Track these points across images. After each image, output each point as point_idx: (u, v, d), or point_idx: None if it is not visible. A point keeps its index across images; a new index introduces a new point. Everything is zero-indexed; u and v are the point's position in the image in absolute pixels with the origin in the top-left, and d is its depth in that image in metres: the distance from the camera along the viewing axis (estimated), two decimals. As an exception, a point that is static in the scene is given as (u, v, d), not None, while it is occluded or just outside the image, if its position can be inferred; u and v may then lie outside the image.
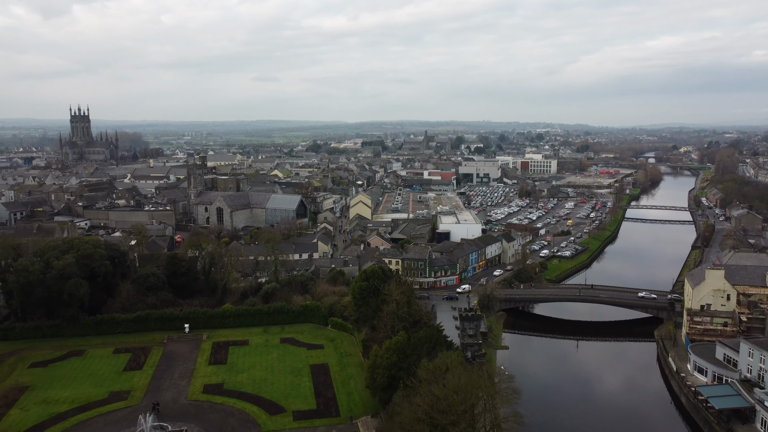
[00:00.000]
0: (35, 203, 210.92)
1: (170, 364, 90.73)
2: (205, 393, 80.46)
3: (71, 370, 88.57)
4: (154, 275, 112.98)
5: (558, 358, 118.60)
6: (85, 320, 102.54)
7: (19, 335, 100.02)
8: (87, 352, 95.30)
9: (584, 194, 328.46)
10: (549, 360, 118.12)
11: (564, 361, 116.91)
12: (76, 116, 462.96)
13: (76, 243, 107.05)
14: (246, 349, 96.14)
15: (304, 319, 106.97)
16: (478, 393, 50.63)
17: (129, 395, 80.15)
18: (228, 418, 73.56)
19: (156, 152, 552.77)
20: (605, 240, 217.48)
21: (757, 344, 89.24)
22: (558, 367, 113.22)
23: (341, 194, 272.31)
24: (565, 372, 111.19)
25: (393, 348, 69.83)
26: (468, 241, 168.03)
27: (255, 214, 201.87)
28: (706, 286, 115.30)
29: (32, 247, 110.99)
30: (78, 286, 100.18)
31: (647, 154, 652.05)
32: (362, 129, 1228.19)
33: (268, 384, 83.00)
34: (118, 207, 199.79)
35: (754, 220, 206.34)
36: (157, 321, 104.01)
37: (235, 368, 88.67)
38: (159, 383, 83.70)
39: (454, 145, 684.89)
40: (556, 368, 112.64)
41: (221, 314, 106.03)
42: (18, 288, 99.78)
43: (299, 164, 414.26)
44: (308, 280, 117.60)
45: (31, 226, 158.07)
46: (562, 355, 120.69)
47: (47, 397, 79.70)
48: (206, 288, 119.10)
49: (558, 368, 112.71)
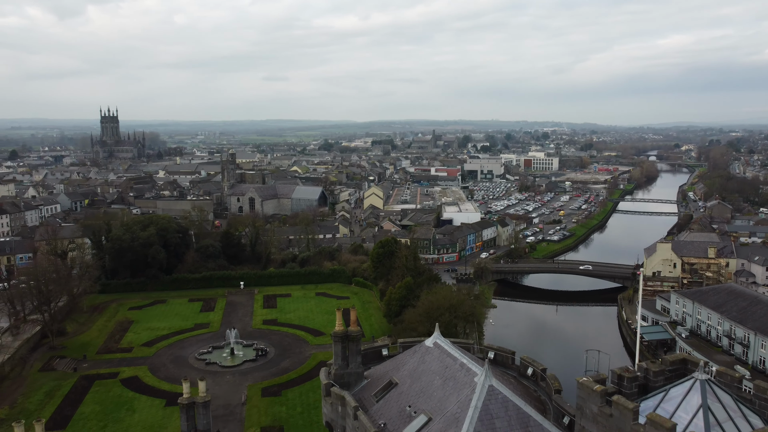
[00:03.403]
0: (87, 195, 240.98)
1: (234, 308, 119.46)
2: (265, 324, 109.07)
3: (161, 312, 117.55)
4: (212, 246, 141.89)
5: (537, 317, 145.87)
6: (163, 278, 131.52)
7: (113, 289, 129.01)
8: (168, 301, 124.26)
9: (580, 189, 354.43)
10: (529, 317, 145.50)
11: (541, 319, 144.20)
12: (106, 117, 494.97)
13: (155, 219, 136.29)
14: (289, 299, 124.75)
15: (332, 279, 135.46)
16: (459, 296, 78.57)
17: (209, 326, 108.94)
18: (284, 338, 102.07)
19: (178, 151, 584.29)
20: (591, 228, 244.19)
21: (682, 294, 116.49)
22: (535, 323, 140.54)
23: (355, 188, 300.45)
24: (541, 326, 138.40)
25: (403, 286, 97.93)
26: (467, 225, 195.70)
27: (282, 203, 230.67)
28: (657, 257, 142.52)
29: (119, 222, 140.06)
30: (158, 252, 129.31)
31: (649, 152, 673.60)
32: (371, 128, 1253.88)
33: (309, 320, 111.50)
34: (163, 197, 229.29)
35: (724, 210, 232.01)
36: (218, 280, 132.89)
37: (284, 311, 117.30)
38: (229, 319, 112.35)
39: (461, 143, 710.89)
40: (534, 323, 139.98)
41: (268, 275, 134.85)
42: (113, 253, 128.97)
43: (314, 161, 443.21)
44: (335, 250, 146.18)
45: (98, 212, 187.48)
46: (540, 315, 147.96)
47: (149, 326, 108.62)
48: (252, 258, 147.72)
49: (535, 323, 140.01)
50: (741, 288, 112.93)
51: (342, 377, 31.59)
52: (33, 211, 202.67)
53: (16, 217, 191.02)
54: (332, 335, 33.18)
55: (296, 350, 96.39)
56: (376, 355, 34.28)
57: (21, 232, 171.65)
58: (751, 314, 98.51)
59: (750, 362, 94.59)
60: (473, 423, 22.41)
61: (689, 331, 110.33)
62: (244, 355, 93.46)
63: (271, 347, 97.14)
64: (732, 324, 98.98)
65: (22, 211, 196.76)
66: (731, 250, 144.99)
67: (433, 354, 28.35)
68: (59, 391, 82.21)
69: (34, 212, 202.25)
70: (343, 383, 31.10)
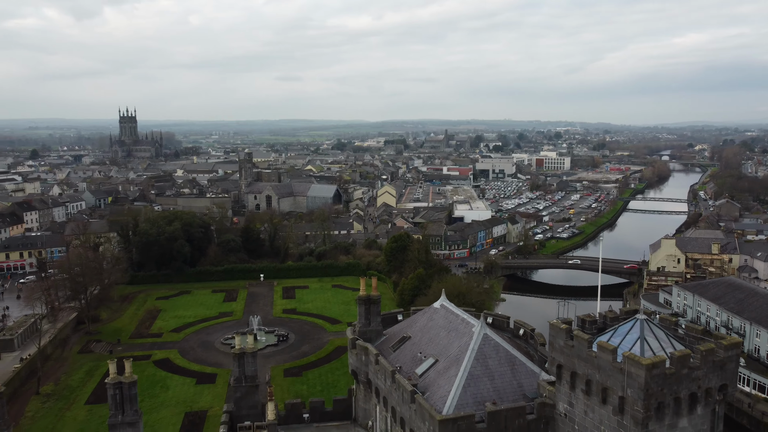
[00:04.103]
0: (110, 192, 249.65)
1: (255, 298, 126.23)
2: (285, 313, 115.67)
3: (186, 301, 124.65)
4: (233, 240, 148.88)
5: (543, 309, 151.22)
6: (188, 271, 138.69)
7: (141, 280, 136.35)
8: (193, 292, 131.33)
9: (591, 188, 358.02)
10: (536, 309, 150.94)
11: (546, 311, 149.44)
12: (125, 117, 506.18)
13: (179, 215, 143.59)
14: (307, 291, 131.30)
15: (348, 272, 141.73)
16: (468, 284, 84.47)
17: (232, 314, 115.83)
18: (304, 325, 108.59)
19: (193, 150, 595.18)
20: (600, 226, 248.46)
21: (683, 287, 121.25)
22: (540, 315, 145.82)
23: (368, 186, 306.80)
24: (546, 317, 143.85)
25: (415, 277, 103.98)
26: (477, 222, 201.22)
27: (297, 201, 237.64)
28: (661, 252, 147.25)
29: (145, 217, 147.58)
30: (183, 245, 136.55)
31: (663, 152, 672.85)
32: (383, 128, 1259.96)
33: (327, 309, 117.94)
34: (183, 195, 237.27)
35: (732, 208, 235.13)
36: (239, 272, 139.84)
37: (302, 301, 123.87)
38: (251, 308, 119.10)
39: (473, 143, 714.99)
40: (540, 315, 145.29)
41: (286, 268, 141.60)
42: (140, 246, 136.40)
43: (328, 161, 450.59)
44: (350, 245, 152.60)
45: (122, 209, 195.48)
46: (547, 308, 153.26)
47: (176, 314, 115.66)
48: (271, 252, 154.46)
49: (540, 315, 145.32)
50: (739, 281, 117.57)
51: (365, 333, 37.71)
52: (60, 207, 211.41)
53: (44, 214, 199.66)
54: (357, 299, 39.29)
55: (315, 336, 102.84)
56: (392, 320, 40.29)
57: (51, 227, 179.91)
58: (747, 305, 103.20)
59: (745, 351, 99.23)
60: (470, 361, 28.30)
61: (689, 322, 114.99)
62: (266, 340, 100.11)
63: (291, 333, 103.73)
64: (729, 315, 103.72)
65: (50, 207, 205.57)
66: (734, 247, 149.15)
67: (440, 313, 34.32)
68: (98, 370, 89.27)
69: (61, 209, 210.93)
70: (365, 338, 37.17)
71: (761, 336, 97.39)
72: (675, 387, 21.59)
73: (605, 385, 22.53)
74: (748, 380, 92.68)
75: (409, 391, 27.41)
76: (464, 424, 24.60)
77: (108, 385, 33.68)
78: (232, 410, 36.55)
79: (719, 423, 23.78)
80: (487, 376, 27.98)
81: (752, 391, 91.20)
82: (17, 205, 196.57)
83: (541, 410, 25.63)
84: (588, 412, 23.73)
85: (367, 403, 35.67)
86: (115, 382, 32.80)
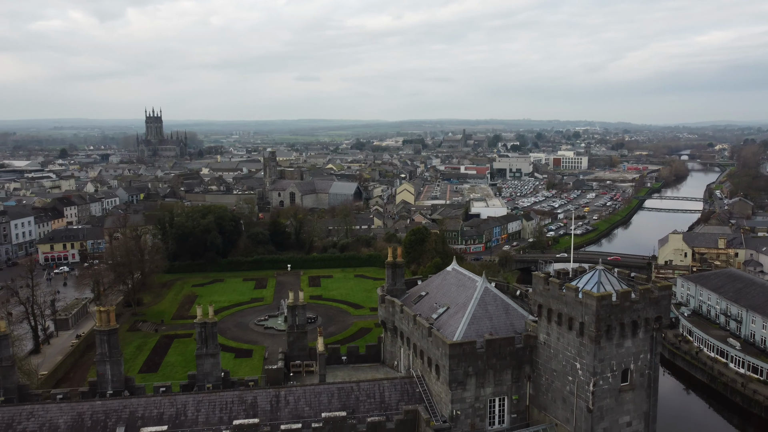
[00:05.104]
0: (141, 189, 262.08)
1: (283, 286, 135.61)
2: (311, 299, 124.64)
3: (220, 288, 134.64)
4: (262, 233, 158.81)
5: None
6: (220, 261, 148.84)
7: (177, 270, 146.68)
8: (225, 280, 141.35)
9: (606, 187, 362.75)
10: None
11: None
12: (151, 117, 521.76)
13: (212, 209, 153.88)
14: (331, 280, 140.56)
15: (369, 263, 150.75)
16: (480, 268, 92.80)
17: (263, 300, 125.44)
18: (329, 310, 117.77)
19: (216, 149, 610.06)
20: (614, 223, 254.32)
21: (686, 279, 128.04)
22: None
23: (387, 185, 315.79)
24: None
25: (432, 265, 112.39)
26: (493, 218, 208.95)
27: (320, 197, 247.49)
28: (669, 246, 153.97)
29: (180, 211, 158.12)
30: (215, 237, 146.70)
31: (682, 152, 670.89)
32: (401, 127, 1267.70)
33: (350, 296, 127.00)
34: (211, 191, 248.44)
35: (745, 206, 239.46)
36: (268, 262, 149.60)
37: (327, 288, 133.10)
38: (279, 294, 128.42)
39: (491, 143, 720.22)
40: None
41: (312, 259, 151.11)
42: (177, 237, 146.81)
43: (347, 160, 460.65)
44: (371, 238, 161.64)
45: (155, 204, 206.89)
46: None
47: (212, 299, 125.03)
48: (296, 244, 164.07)
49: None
50: (739, 272, 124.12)
51: (391, 291, 46.64)
52: (96, 203, 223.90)
53: (82, 209, 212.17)
54: (386, 263, 48.21)
55: (340, 319, 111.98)
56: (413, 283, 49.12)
57: (90, 221, 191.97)
58: (745, 294, 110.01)
59: (742, 336, 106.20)
60: (474, 307, 36.71)
61: (691, 310, 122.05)
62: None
63: (318, 316, 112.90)
64: (728, 303, 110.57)
65: (88, 203, 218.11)
66: (740, 242, 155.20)
67: (452, 274, 42.88)
68: (146, 345, 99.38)
69: (98, 204, 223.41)
70: (392, 295, 45.91)
71: (756, 322, 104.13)
72: (620, 315, 29.75)
73: (570, 315, 30.73)
74: (743, 362, 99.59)
75: (427, 327, 35.94)
76: (468, 347, 33.02)
77: (195, 324, 42.86)
78: (286, 351, 45.58)
79: (657, 346, 31.92)
80: (486, 317, 36.42)
81: (746, 372, 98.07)
82: (57, 201, 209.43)
83: (527, 341, 33.97)
84: (559, 338, 31.94)
85: (393, 347, 44.35)
86: (201, 322, 41.95)
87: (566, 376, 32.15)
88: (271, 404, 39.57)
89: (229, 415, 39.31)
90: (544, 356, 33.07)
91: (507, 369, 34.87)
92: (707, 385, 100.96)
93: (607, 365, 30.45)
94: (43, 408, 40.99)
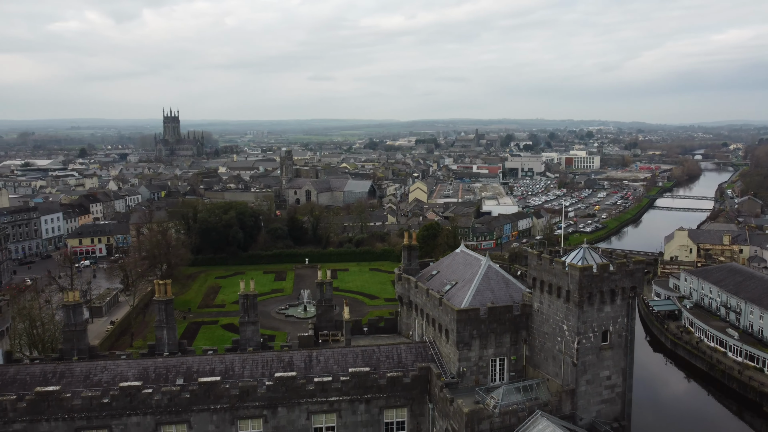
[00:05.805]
0: (162, 187, 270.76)
1: (302, 278, 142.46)
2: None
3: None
4: (280, 229, 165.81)
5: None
6: (241, 254, 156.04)
7: (200, 263, 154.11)
8: (246, 272, 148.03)
9: (618, 186, 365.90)
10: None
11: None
12: (168, 117, 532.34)
13: (234, 204, 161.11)
14: (347, 273, 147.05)
15: (383, 258, 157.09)
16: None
17: (283, 291, 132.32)
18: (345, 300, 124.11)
19: (232, 149, 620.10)
20: (624, 221, 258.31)
21: (689, 273, 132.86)
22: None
23: (401, 183, 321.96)
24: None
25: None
26: (504, 215, 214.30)
27: (335, 195, 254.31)
28: (674, 243, 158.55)
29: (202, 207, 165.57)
30: (237, 232, 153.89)
31: (696, 151, 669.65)
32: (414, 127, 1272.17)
33: (365, 288, 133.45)
34: (230, 189, 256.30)
35: (753, 205, 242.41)
36: (287, 256, 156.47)
37: (343, 281, 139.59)
38: (299, 286, 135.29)
39: (503, 142, 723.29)
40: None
41: (328, 253, 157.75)
42: (200, 232, 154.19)
43: (361, 159, 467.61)
44: (385, 234, 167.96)
45: (177, 201, 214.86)
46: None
47: (235, 290, 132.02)
48: (313, 239, 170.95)
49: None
50: (740, 266, 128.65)
51: (407, 270, 53.07)
52: (120, 200, 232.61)
53: (107, 205, 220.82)
54: (402, 246, 54.47)
55: (356, 308, 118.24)
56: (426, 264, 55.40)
57: (116, 217, 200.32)
58: (744, 287, 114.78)
59: (740, 326, 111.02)
60: (479, 281, 42.76)
61: (694, 303, 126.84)
62: (315, 310, 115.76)
63: (336, 305, 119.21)
64: (728, 295, 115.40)
65: (112, 200, 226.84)
66: (745, 238, 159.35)
67: (460, 255, 48.98)
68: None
69: (122, 201, 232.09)
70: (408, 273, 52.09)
71: (754, 313, 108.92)
72: (600, 284, 35.58)
73: (559, 285, 36.60)
74: (741, 351, 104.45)
75: (438, 298, 42.09)
76: (473, 313, 39.07)
77: (240, 295, 49.51)
78: (315, 322, 51.98)
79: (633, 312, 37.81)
80: (489, 290, 42.52)
81: (743, 360, 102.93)
82: (84, 198, 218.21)
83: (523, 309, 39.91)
84: (550, 305, 37.82)
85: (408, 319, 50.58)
86: (244, 294, 48.60)
87: (555, 337, 38.11)
88: (305, 362, 46.98)
89: (270, 370, 46.72)
90: (537, 321, 39.09)
91: (506, 333, 41.08)
92: (706, 373, 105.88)
93: (590, 327, 36.32)
94: (114, 363, 49.15)
